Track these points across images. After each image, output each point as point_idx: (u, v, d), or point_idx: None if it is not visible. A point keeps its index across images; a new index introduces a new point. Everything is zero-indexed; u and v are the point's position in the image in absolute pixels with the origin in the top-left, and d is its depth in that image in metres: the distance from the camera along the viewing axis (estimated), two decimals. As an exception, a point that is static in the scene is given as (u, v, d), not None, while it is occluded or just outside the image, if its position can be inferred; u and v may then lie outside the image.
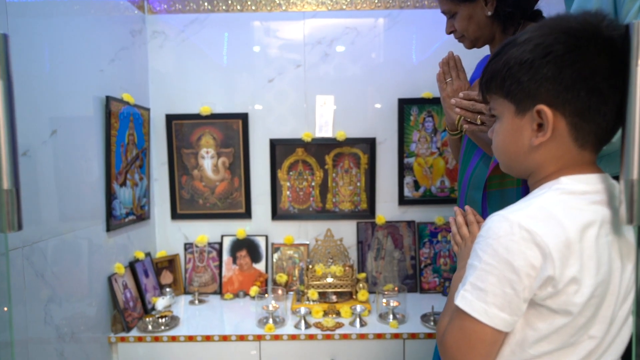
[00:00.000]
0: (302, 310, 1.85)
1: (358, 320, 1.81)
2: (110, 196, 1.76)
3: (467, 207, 0.97)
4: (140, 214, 2.06)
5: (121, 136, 1.85)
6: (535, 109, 0.71)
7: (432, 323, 1.79)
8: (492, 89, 0.79)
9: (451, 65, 1.44)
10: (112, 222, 1.79)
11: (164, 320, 1.81)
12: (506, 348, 0.71)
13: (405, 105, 2.19)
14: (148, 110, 2.13)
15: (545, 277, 0.65)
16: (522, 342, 0.70)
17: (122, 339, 1.75)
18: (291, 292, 2.13)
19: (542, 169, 0.75)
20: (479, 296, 0.68)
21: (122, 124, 1.85)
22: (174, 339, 1.75)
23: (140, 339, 1.75)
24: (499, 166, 0.85)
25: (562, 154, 0.73)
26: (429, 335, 1.74)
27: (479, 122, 1.13)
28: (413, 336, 1.74)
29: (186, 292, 2.24)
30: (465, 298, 0.70)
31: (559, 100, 0.70)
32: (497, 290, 0.67)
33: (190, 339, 1.75)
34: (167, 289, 2.09)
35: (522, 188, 1.17)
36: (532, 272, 0.65)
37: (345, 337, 1.74)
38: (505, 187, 1.20)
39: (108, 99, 1.73)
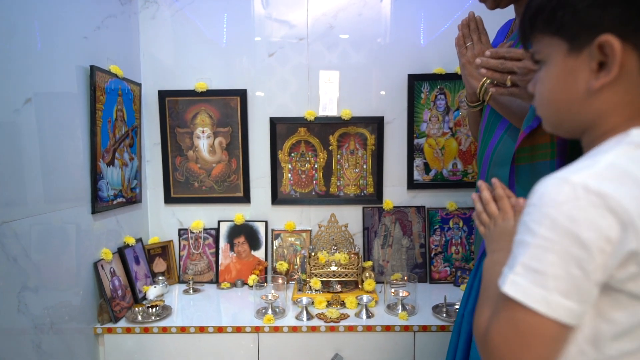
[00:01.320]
0: (304, 300, 1.71)
1: (364, 311, 1.68)
2: (95, 175, 1.62)
3: (494, 180, 0.82)
4: (131, 197, 1.92)
5: (108, 111, 1.70)
6: (596, 42, 0.56)
7: (444, 315, 1.65)
8: (537, 26, 0.64)
9: (472, 27, 1.29)
10: (99, 203, 1.65)
11: (154, 310, 1.68)
12: (573, 348, 0.56)
13: (415, 82, 2.03)
14: (139, 85, 1.98)
15: (626, 253, 0.50)
16: (595, 339, 0.55)
17: (109, 330, 1.61)
18: (292, 282, 2.00)
19: (603, 120, 0.60)
20: (535, 280, 0.53)
21: (109, 98, 1.70)
22: (165, 330, 1.62)
23: (128, 330, 1.61)
24: (543, 126, 0.70)
25: (631, 100, 0.58)
26: (442, 328, 1.60)
27: (508, 83, 0.98)
28: (424, 329, 1.60)
29: (180, 281, 2.10)
30: (517, 284, 0.55)
31: (630, 29, 0.55)
32: (559, 272, 0.52)
33: (183, 330, 1.62)
34: (160, 278, 1.96)
35: (556, 161, 1.02)
36: (606, 247, 0.51)
37: (350, 329, 1.61)
38: (536, 161, 1.05)
39: (93, 69, 1.58)
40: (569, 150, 1.01)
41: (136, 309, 1.67)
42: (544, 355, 0.54)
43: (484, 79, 1.22)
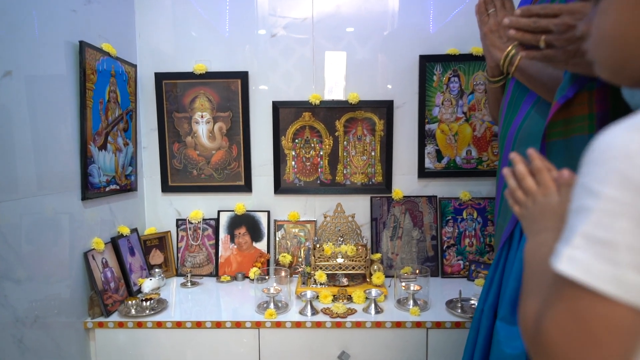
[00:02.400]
0: (308, 294, 1.60)
1: (373, 306, 1.56)
2: (86, 159, 1.51)
3: (530, 151, 0.70)
4: (125, 185, 1.81)
5: (100, 91, 1.59)
6: None
7: (459, 310, 1.53)
8: None
9: (495, -8, 1.17)
10: (89, 190, 1.54)
11: (149, 303, 1.57)
12: None
13: (427, 64, 1.91)
14: (134, 66, 1.87)
15: None
16: None
17: (100, 325, 1.51)
18: (296, 275, 1.88)
19: None
20: (601, 254, 0.41)
21: (101, 78, 1.59)
22: (159, 325, 1.51)
23: (120, 325, 1.51)
24: (598, 72, 0.58)
25: None
26: (457, 325, 1.48)
27: (542, 44, 0.86)
28: (438, 325, 1.48)
29: (178, 274, 2.00)
30: (577, 260, 0.43)
31: None
32: (634, 242, 0.40)
33: (179, 325, 1.51)
34: (156, 270, 1.85)
35: (596, 135, 0.89)
36: None
37: (358, 325, 1.49)
38: (572, 135, 0.93)
39: (82, 45, 1.47)
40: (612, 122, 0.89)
41: (129, 302, 1.57)
42: (618, 352, 0.42)
43: (509, 48, 1.11)
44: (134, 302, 1.57)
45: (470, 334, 1.24)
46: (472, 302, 1.59)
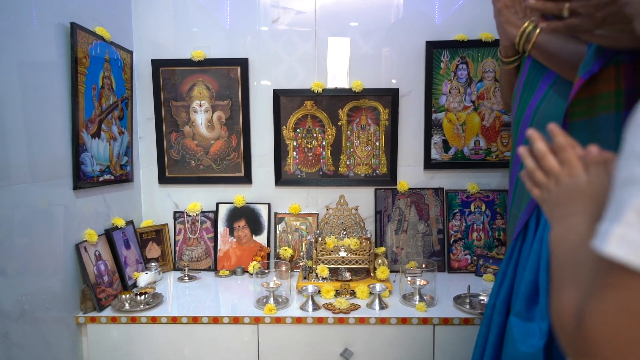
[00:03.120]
0: (310, 288, 1.53)
1: (377, 301, 1.49)
2: (77, 147, 1.45)
3: (551, 127, 0.62)
4: (121, 175, 1.75)
5: (93, 76, 1.52)
6: None
7: (467, 306, 1.46)
8: None
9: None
10: (82, 179, 1.48)
11: (143, 297, 1.51)
12: None
13: (434, 50, 1.84)
14: (130, 53, 1.80)
15: None
16: None
17: (92, 319, 1.45)
18: (297, 270, 1.82)
19: None
20: None
21: (93, 62, 1.53)
22: (154, 320, 1.45)
23: (114, 320, 1.44)
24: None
25: None
26: (465, 321, 1.41)
27: (566, 13, 0.78)
28: (445, 321, 1.42)
29: (176, 268, 1.93)
30: (630, 241, 0.36)
31: None
32: None
33: (174, 320, 1.44)
34: (153, 264, 1.79)
35: (623, 114, 0.82)
36: None
37: (361, 321, 1.42)
38: (597, 114, 0.85)
39: (73, 27, 1.41)
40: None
41: (123, 296, 1.50)
42: None
43: (525, 24, 1.03)
44: (128, 296, 1.51)
45: (480, 330, 1.17)
46: (482, 297, 1.52)
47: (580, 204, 0.54)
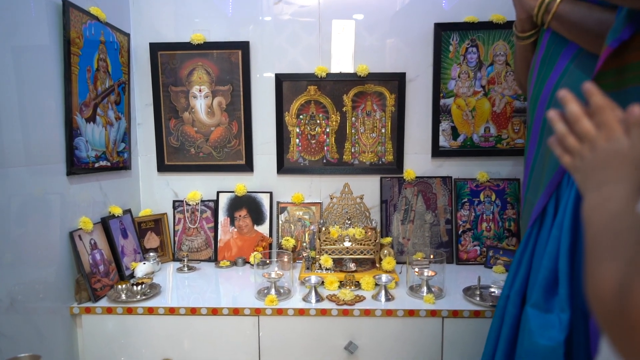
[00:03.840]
0: (313, 279, 1.47)
1: (383, 292, 1.43)
2: (71, 131, 1.39)
3: (587, 86, 0.55)
4: (118, 162, 1.69)
5: (87, 58, 1.46)
6: None
7: (478, 298, 1.40)
8: None
9: None
10: (76, 164, 1.42)
11: (140, 288, 1.45)
12: None
13: (442, 33, 1.76)
14: (127, 35, 1.74)
15: None
16: None
17: (87, 310, 1.39)
18: (299, 262, 1.76)
19: None
20: None
21: (88, 44, 1.46)
22: (151, 311, 1.39)
23: (109, 311, 1.39)
24: None
25: None
26: (476, 314, 1.35)
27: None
28: (455, 314, 1.35)
29: (175, 259, 1.88)
30: None
31: None
32: None
33: (172, 311, 1.39)
34: (151, 254, 1.74)
35: (655, 85, 0.75)
36: None
37: (367, 313, 1.36)
38: (627, 86, 0.78)
39: (66, 4, 1.34)
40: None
41: (119, 286, 1.45)
42: None
43: (545, -7, 0.96)
44: (124, 286, 1.45)
45: (493, 323, 1.11)
46: (493, 289, 1.46)
47: (620, 170, 0.48)
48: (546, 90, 0.98)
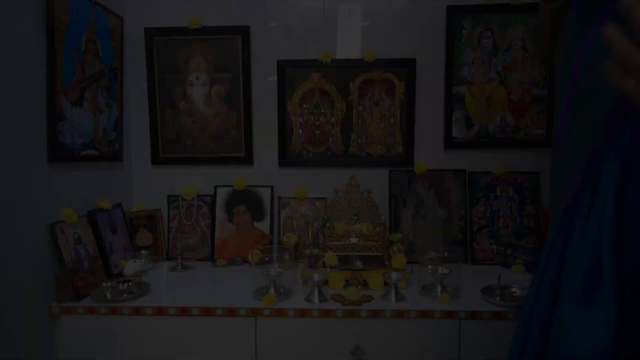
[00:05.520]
0: (316, 277, 1.34)
1: (393, 292, 1.30)
2: (55, 113, 1.28)
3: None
4: (108, 152, 1.58)
5: (73, 37, 1.36)
6: None
7: (498, 299, 1.26)
8: None
9: None
10: (59, 150, 1.31)
11: (126, 286, 1.33)
12: None
13: (455, 16, 1.65)
14: (121, 19, 1.64)
15: None
16: None
17: (68, 310, 1.27)
18: (302, 262, 1.63)
19: None
20: None
21: (75, 21, 1.36)
22: (138, 311, 1.26)
23: (92, 311, 1.27)
24: None
25: None
26: (497, 315, 1.21)
27: None
28: (473, 315, 1.22)
29: (169, 258, 1.75)
30: None
31: None
32: None
33: (160, 311, 1.26)
34: (143, 252, 1.61)
35: None
36: None
37: (375, 314, 1.23)
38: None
39: (49, -24, 1.25)
40: None
41: (104, 284, 1.33)
42: None
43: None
44: (109, 284, 1.33)
45: (519, 325, 0.96)
46: (514, 289, 1.32)
47: None
48: (581, 53, 0.85)
